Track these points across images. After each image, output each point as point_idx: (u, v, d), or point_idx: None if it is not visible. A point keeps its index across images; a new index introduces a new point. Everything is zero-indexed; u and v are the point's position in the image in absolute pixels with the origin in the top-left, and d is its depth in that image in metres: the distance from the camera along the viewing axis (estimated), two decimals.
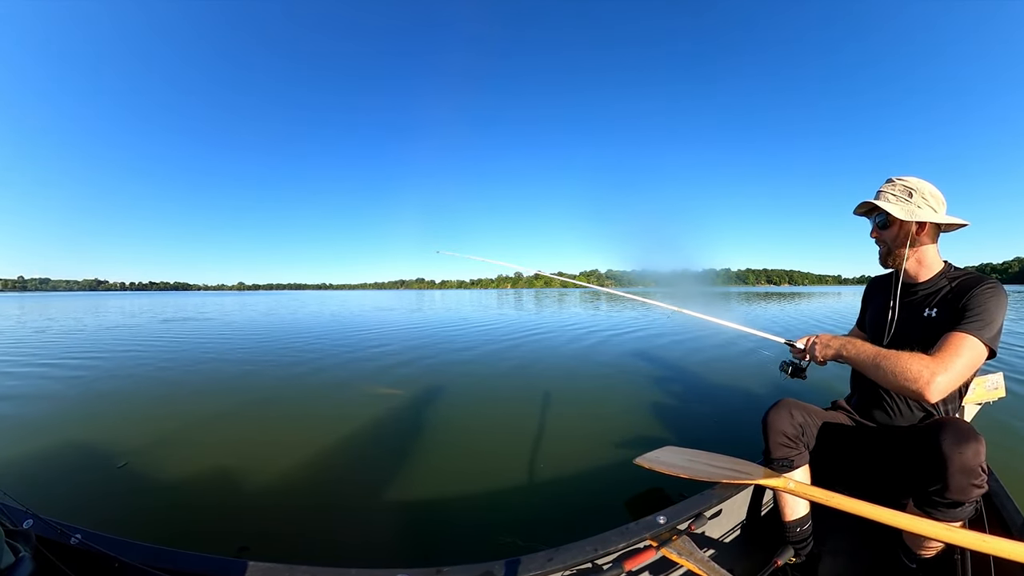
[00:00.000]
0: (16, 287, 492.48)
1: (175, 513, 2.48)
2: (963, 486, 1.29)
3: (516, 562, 1.31)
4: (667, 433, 3.69)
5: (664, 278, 12.61)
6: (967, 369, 1.36)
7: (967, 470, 1.28)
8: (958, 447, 1.29)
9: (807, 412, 1.78)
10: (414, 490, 2.73)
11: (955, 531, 1.26)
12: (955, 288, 1.54)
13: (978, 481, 1.29)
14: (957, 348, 1.37)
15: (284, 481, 2.85)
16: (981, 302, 1.44)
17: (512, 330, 11.79)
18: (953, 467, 1.29)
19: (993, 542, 1.19)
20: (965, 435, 1.31)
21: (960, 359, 1.35)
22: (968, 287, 1.50)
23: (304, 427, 3.90)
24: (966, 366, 1.36)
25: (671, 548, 1.47)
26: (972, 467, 1.28)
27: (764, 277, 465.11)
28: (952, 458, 1.29)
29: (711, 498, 1.69)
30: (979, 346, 1.38)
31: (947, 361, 1.34)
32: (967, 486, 1.29)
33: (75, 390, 5.34)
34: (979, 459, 1.29)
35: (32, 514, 1.34)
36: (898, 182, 1.63)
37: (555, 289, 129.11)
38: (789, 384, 5.51)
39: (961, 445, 1.29)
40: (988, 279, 1.50)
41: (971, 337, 1.38)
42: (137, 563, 1.20)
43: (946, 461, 1.29)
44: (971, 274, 1.56)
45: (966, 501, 1.31)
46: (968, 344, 1.37)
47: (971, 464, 1.28)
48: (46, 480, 2.86)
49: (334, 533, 2.29)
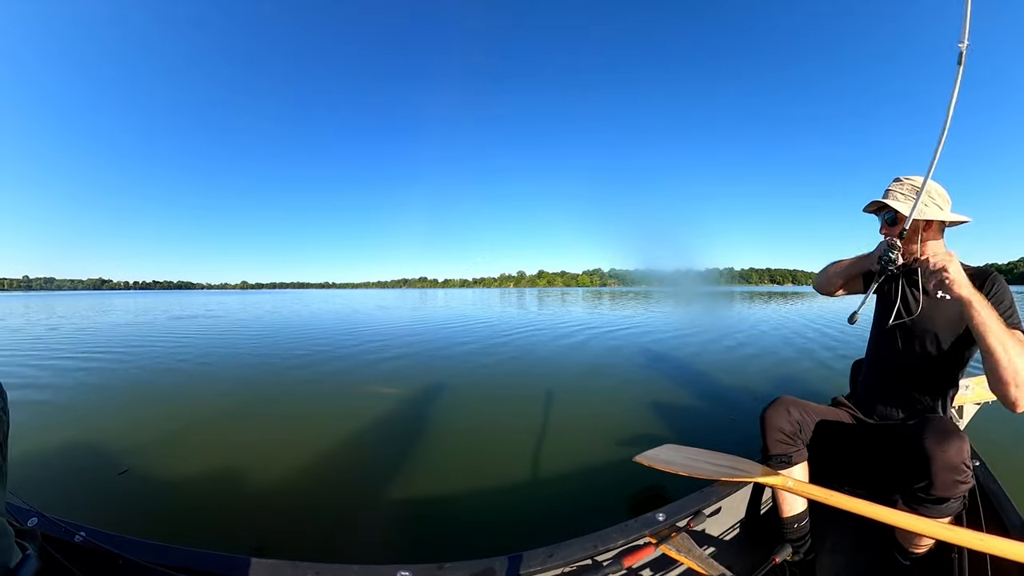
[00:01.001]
0: (21, 286, 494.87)
1: (178, 512, 2.50)
2: (947, 483, 1.33)
3: (517, 558, 1.32)
4: (667, 431, 3.72)
5: (667, 277, 12.37)
6: None
7: (951, 467, 1.32)
8: (941, 445, 1.33)
9: (805, 409, 1.80)
10: (415, 488, 2.75)
11: (954, 530, 1.27)
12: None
13: (962, 477, 1.33)
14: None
15: (287, 479, 2.88)
16: (1004, 295, 1.52)
17: (512, 328, 11.82)
18: (936, 464, 1.33)
19: (990, 541, 1.21)
20: (948, 433, 1.36)
21: None
22: (981, 279, 1.57)
23: (307, 426, 3.94)
24: None
25: (670, 545, 1.48)
26: (955, 464, 1.32)
27: (767, 276, 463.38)
28: (936, 456, 1.33)
29: (710, 496, 1.70)
30: None
31: None
32: (951, 482, 1.33)
33: (86, 387, 5.40)
34: (962, 456, 1.33)
35: (37, 512, 1.35)
36: (905, 181, 1.71)
37: (557, 288, 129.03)
38: (787, 382, 5.55)
39: (944, 443, 1.33)
40: (992, 272, 1.58)
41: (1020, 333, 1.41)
42: (141, 560, 1.21)
43: (930, 459, 1.34)
44: (976, 268, 1.63)
45: (951, 497, 1.35)
46: None
47: (954, 461, 1.32)
48: (51, 479, 2.88)
49: (337, 531, 2.31)
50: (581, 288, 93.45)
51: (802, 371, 6.08)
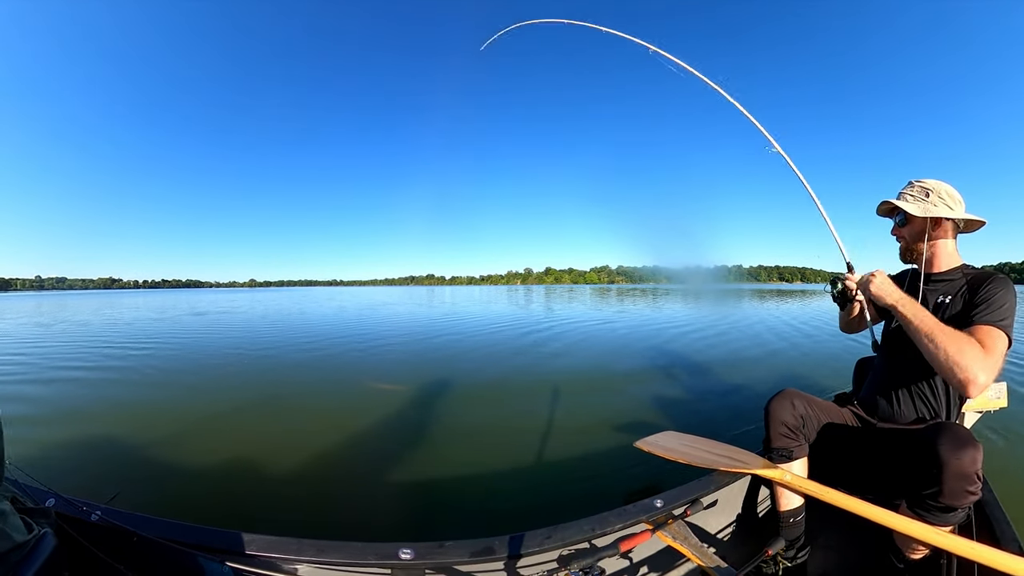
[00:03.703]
0: (34, 286, 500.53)
1: (191, 497, 2.58)
2: (958, 491, 1.31)
3: (516, 538, 1.35)
4: (668, 419, 3.75)
5: (676, 274, 12.35)
6: (1001, 363, 1.40)
7: (963, 476, 1.30)
8: (956, 452, 1.30)
9: (810, 404, 1.81)
10: (419, 472, 2.81)
11: (945, 536, 1.27)
12: (969, 283, 1.62)
13: (973, 488, 1.31)
14: (993, 342, 1.40)
15: (295, 466, 2.94)
16: (994, 292, 1.51)
17: (517, 322, 11.86)
18: (949, 472, 1.30)
19: (980, 550, 1.21)
20: (964, 441, 1.32)
21: (997, 352, 1.40)
22: (980, 281, 1.58)
23: (315, 415, 4.03)
24: (1000, 360, 1.40)
25: (666, 532, 1.51)
26: (968, 473, 1.29)
27: (776, 274, 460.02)
28: (949, 463, 1.30)
29: (708, 485, 1.73)
30: (1004, 338, 1.43)
31: (992, 356, 1.37)
32: (962, 492, 1.31)
33: (114, 380, 5.55)
34: (976, 466, 1.30)
35: (54, 493, 1.40)
36: (916, 184, 1.76)
37: (565, 285, 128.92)
38: (794, 376, 5.54)
39: (959, 451, 1.30)
40: (998, 274, 1.59)
41: (997, 330, 1.43)
42: (155, 537, 1.26)
43: (943, 465, 1.31)
44: (984, 271, 1.64)
45: (959, 506, 1.33)
46: (997, 336, 1.42)
47: (968, 470, 1.29)
48: (71, 464, 2.98)
49: (342, 512, 2.38)
50: (589, 285, 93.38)
51: (806, 366, 6.07)
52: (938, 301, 1.66)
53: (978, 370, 1.34)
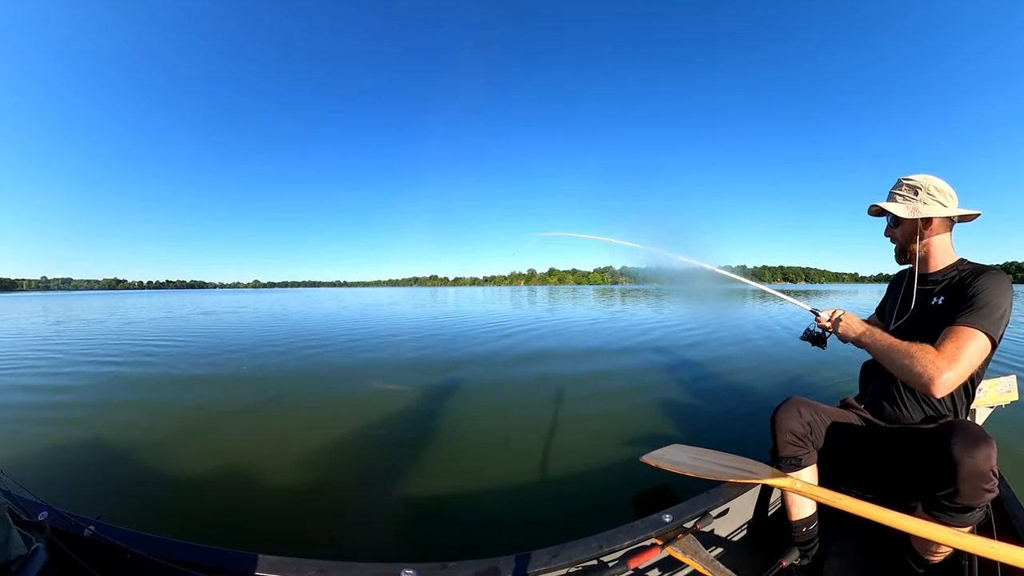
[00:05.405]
0: (39, 287, 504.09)
1: (186, 508, 2.54)
2: (974, 491, 1.27)
3: (522, 558, 1.31)
4: (674, 431, 3.69)
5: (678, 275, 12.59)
6: (972, 361, 1.38)
7: (978, 474, 1.27)
8: (969, 451, 1.27)
9: (816, 411, 1.78)
10: (421, 487, 2.76)
11: (963, 537, 1.25)
12: (962, 277, 1.58)
13: (989, 486, 1.28)
14: (958, 341, 1.39)
15: (293, 478, 2.90)
16: (980, 289, 1.48)
17: (521, 326, 11.81)
18: (964, 471, 1.27)
19: (1002, 548, 1.18)
20: (976, 438, 1.28)
21: (963, 352, 1.37)
22: (971, 276, 1.54)
23: (313, 425, 3.97)
24: (970, 359, 1.38)
25: (676, 547, 1.47)
26: (983, 471, 1.27)
27: (780, 274, 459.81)
28: (963, 462, 1.27)
29: (717, 497, 1.68)
30: (979, 336, 1.40)
31: (951, 356, 1.36)
32: (978, 491, 1.27)
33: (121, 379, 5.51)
34: (990, 463, 1.27)
35: (47, 506, 1.38)
36: (904, 182, 1.71)
37: (568, 286, 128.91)
38: (798, 382, 5.49)
39: (972, 449, 1.27)
40: (991, 268, 1.55)
41: (969, 329, 1.40)
42: (148, 555, 1.23)
43: (957, 465, 1.27)
44: (977, 267, 1.60)
45: (976, 506, 1.30)
46: (967, 335, 1.39)
47: (982, 468, 1.26)
48: (63, 474, 2.92)
49: (342, 529, 2.33)
50: (592, 286, 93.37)
51: (811, 370, 5.99)
52: (931, 304, 1.64)
53: (933, 371, 1.35)
